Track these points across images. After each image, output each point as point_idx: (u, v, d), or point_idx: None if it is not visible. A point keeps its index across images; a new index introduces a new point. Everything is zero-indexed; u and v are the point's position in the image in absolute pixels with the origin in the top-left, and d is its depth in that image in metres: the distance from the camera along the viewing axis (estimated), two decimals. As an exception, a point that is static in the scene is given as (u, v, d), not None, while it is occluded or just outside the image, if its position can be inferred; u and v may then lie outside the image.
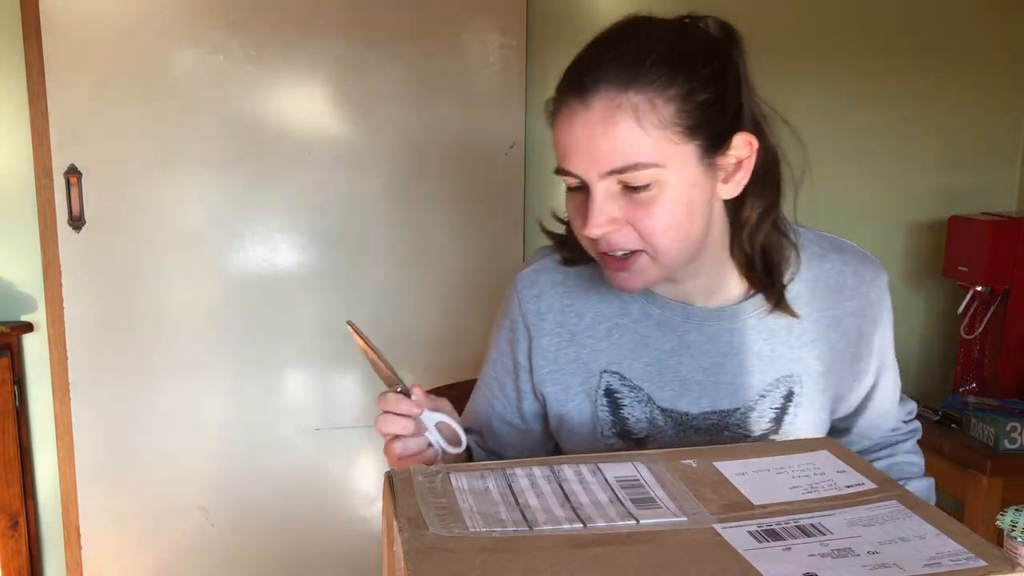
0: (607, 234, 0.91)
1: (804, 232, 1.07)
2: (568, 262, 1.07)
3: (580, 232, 0.94)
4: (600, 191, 0.90)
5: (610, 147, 0.88)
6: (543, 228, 1.12)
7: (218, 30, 2.06)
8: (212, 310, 2.17)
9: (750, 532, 0.67)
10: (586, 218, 0.91)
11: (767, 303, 1.02)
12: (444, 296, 2.27)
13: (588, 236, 0.92)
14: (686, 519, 0.70)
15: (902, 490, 0.75)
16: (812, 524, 0.69)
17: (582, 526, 0.68)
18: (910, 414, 1.23)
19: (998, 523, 0.98)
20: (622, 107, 0.88)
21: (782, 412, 1.04)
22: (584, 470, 0.77)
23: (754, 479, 0.77)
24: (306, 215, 2.17)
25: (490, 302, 2.29)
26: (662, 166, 0.88)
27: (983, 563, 0.63)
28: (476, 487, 0.73)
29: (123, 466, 2.18)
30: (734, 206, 0.98)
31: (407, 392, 0.98)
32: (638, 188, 0.89)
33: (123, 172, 2.07)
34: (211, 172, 2.12)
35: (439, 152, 2.20)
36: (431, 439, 0.97)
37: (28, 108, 2.02)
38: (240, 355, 2.20)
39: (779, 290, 1.01)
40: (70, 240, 2.07)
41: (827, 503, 0.73)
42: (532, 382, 1.08)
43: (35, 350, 2.13)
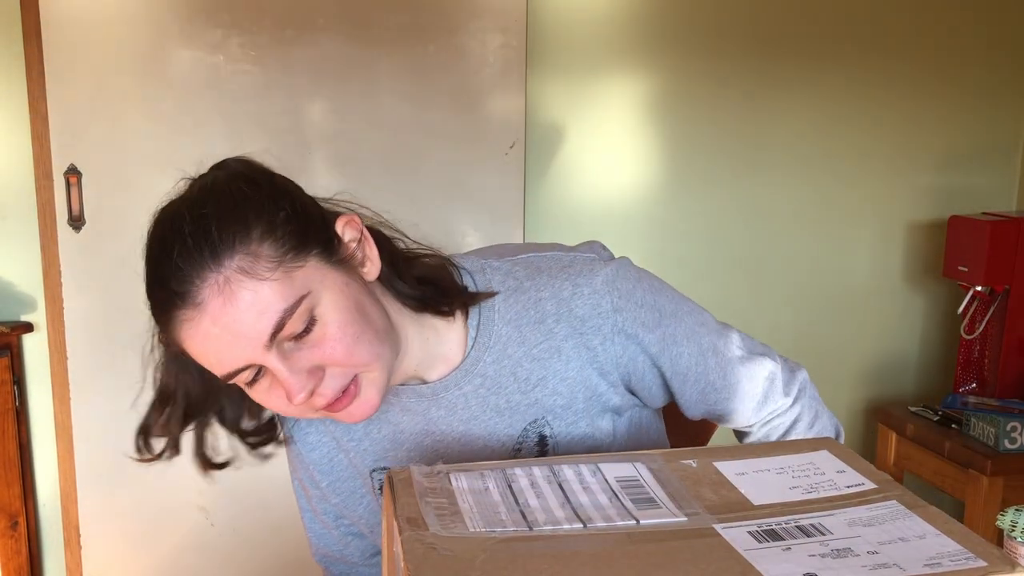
0: (316, 387, 0.85)
1: (497, 267, 1.01)
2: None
3: (288, 410, 0.88)
4: (277, 361, 0.83)
5: (252, 320, 0.81)
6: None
7: (218, 30, 2.06)
8: (212, 310, 2.17)
9: (750, 532, 0.67)
10: (286, 392, 0.84)
11: (487, 355, 0.98)
12: (444, 296, 2.27)
13: (298, 403, 0.85)
14: (686, 519, 0.69)
15: (902, 490, 0.75)
16: (812, 524, 0.69)
17: (582, 526, 0.68)
18: (775, 378, 1.05)
19: (998, 523, 0.98)
20: (230, 280, 0.81)
21: (543, 455, 0.99)
22: (584, 470, 0.77)
23: (754, 479, 0.77)
24: (306, 215, 2.17)
25: (490, 302, 2.30)
26: (307, 294, 0.83)
27: (983, 563, 0.62)
28: (476, 487, 0.73)
29: (123, 466, 2.18)
30: (387, 280, 0.96)
31: None
32: (304, 333, 0.83)
33: (123, 172, 2.08)
34: (211, 172, 2.12)
35: (439, 152, 2.21)
36: None
37: (28, 108, 2.02)
38: (240, 355, 2.20)
39: (471, 294, 0.98)
40: (70, 240, 2.07)
41: (827, 503, 0.73)
42: (323, 497, 1.07)
43: (35, 350, 2.13)
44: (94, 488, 2.16)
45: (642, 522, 0.69)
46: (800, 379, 1.07)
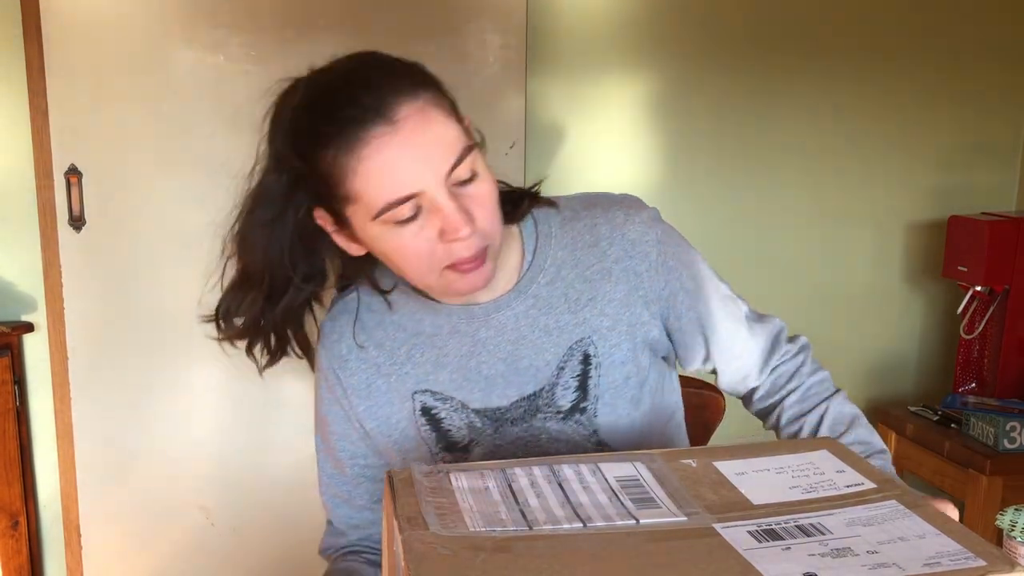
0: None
1: (558, 200, 1.08)
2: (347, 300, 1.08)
3: (429, 259, 0.92)
4: (446, 196, 0.88)
5: (440, 148, 0.88)
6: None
7: (218, 30, 2.06)
8: (212, 310, 2.17)
9: (749, 532, 0.67)
10: (444, 230, 0.89)
11: (542, 275, 1.04)
12: (444, 296, 2.27)
13: (463, 236, 0.89)
14: (685, 519, 0.70)
15: (902, 489, 0.75)
16: (812, 524, 0.69)
17: (582, 526, 0.68)
18: (781, 332, 1.16)
19: (998, 523, 0.99)
20: (425, 108, 0.88)
21: (584, 377, 1.04)
22: (584, 470, 0.77)
23: (754, 479, 0.77)
24: (306, 215, 2.17)
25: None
26: (474, 146, 0.91)
27: (983, 563, 0.63)
28: (476, 487, 0.73)
29: (123, 466, 2.18)
30: None
31: None
32: (466, 181, 0.90)
33: (123, 172, 2.07)
34: (211, 172, 2.12)
35: (439, 152, 2.20)
36: None
37: (28, 108, 2.02)
38: (240, 355, 2.19)
39: (535, 195, 1.05)
40: (70, 240, 2.07)
41: (826, 503, 0.73)
42: (360, 423, 1.08)
43: (35, 350, 2.13)
44: (94, 488, 2.16)
45: (642, 522, 0.69)
46: (803, 339, 1.18)
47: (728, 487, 0.76)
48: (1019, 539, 0.97)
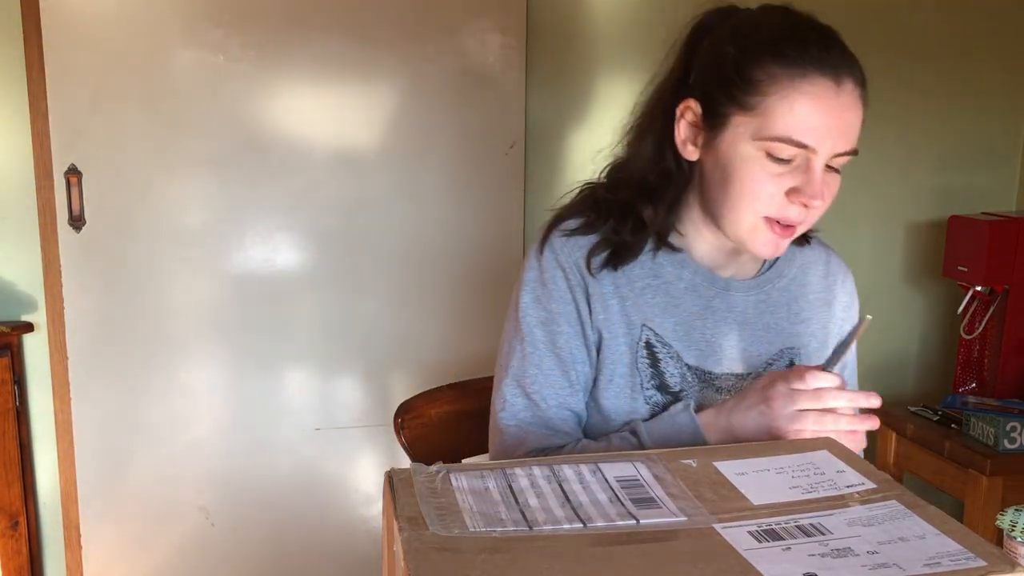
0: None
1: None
2: (581, 232, 1.10)
3: (768, 202, 1.00)
4: (821, 168, 0.98)
5: (853, 135, 0.99)
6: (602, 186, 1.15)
7: (218, 30, 2.06)
8: (212, 310, 2.17)
9: (750, 532, 0.67)
10: (800, 189, 0.98)
11: (779, 279, 1.15)
12: (444, 296, 2.27)
13: (814, 205, 0.99)
14: (686, 519, 0.70)
15: (902, 490, 0.76)
16: (812, 524, 0.69)
17: (582, 526, 0.68)
18: None
19: (998, 523, 0.98)
20: (860, 99, 0.99)
21: None
22: (584, 470, 0.77)
23: (754, 479, 0.77)
24: (306, 215, 2.17)
25: (490, 302, 2.30)
26: (856, 153, 1.01)
27: (983, 563, 0.63)
28: (476, 487, 0.73)
29: (123, 466, 2.18)
30: None
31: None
32: (834, 170, 1.00)
33: (123, 172, 2.08)
34: (211, 172, 2.12)
35: (439, 152, 2.21)
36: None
37: (28, 108, 2.02)
38: (240, 355, 2.20)
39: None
40: (70, 240, 2.07)
41: (827, 503, 0.73)
42: (593, 325, 1.09)
43: (35, 350, 2.13)
44: (94, 488, 2.16)
45: (642, 522, 0.69)
46: None
47: (728, 487, 0.76)
48: (1019, 539, 0.97)
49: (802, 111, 0.96)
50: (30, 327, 2.10)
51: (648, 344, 1.08)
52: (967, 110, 2.51)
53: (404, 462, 1.51)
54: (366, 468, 2.30)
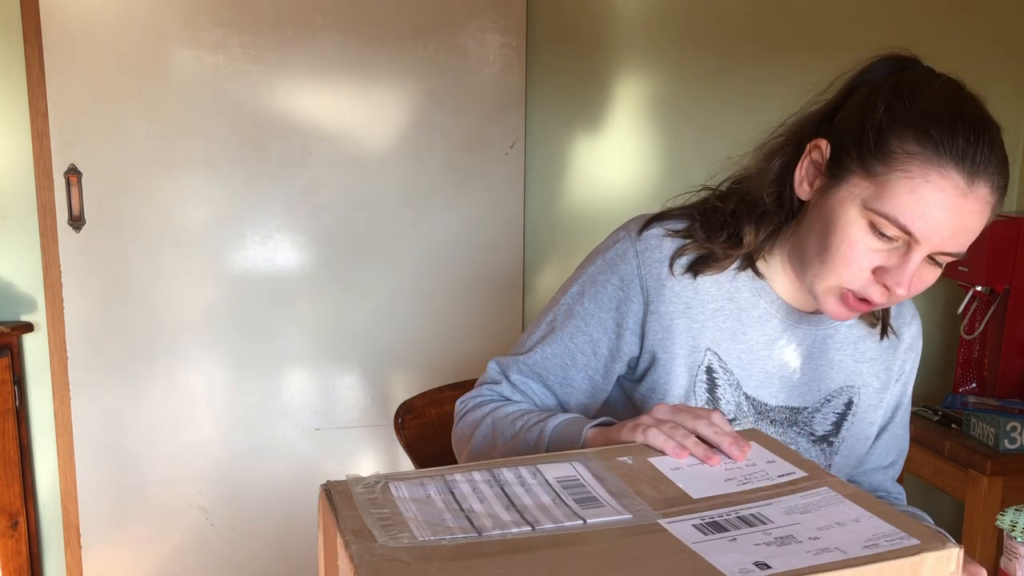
0: (891, 290, 0.96)
1: None
2: (683, 236, 1.08)
3: (856, 274, 0.96)
4: (918, 262, 0.94)
5: (965, 239, 0.94)
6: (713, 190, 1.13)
7: (218, 30, 2.06)
8: (212, 310, 2.17)
9: (694, 525, 0.69)
10: (889, 272, 0.95)
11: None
12: (444, 295, 2.27)
13: (898, 293, 0.95)
14: (631, 516, 0.70)
15: (831, 477, 0.78)
16: (752, 514, 0.71)
17: (530, 529, 0.68)
18: (898, 464, 1.25)
19: (998, 523, 0.98)
20: (988, 207, 0.94)
21: (842, 418, 1.12)
22: (524, 472, 0.77)
23: (689, 473, 0.79)
24: (306, 215, 2.17)
25: (490, 302, 2.30)
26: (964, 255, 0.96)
27: (916, 541, 0.65)
28: (417, 495, 0.72)
29: (123, 466, 2.18)
30: None
31: None
32: (934, 264, 0.96)
33: (123, 172, 2.08)
34: (211, 172, 2.12)
35: (439, 152, 2.21)
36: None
37: (28, 108, 2.02)
38: (240, 355, 2.20)
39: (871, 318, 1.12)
40: (70, 240, 2.07)
41: (763, 493, 0.75)
42: (640, 347, 1.08)
43: (35, 350, 2.13)
44: (94, 488, 2.16)
45: (589, 521, 0.69)
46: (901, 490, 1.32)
47: (666, 482, 0.77)
48: (1019, 539, 0.96)
49: (921, 198, 0.91)
50: (30, 327, 2.09)
51: (709, 369, 1.07)
52: (967, 110, 2.50)
53: (404, 462, 1.51)
54: (366, 468, 2.30)
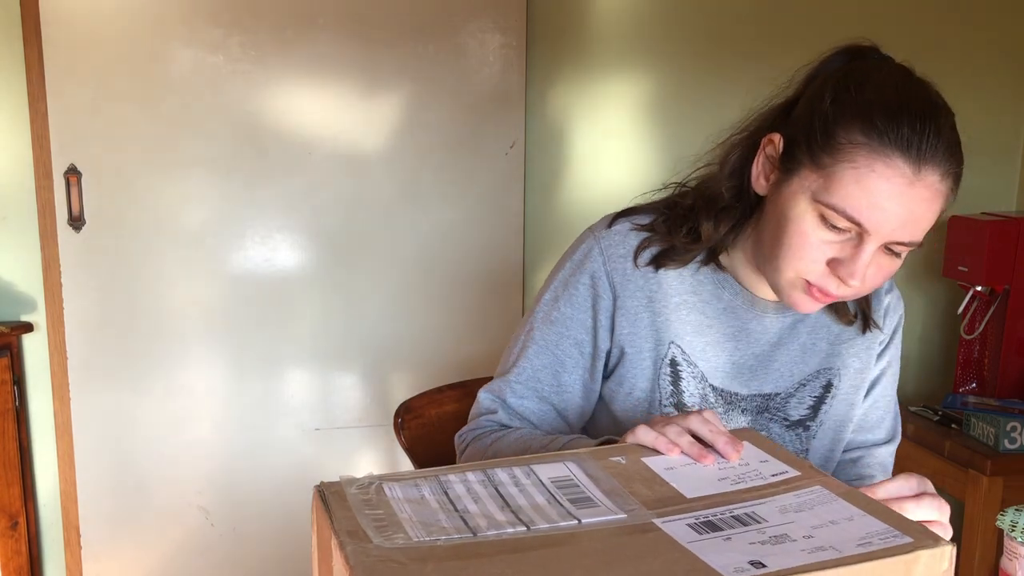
0: (845, 282, 0.95)
1: None
2: (647, 230, 1.09)
3: (811, 266, 0.95)
4: (872, 251, 0.93)
5: (917, 228, 0.93)
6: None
7: (218, 30, 2.06)
8: (212, 310, 2.17)
9: (689, 525, 0.69)
10: (842, 263, 0.94)
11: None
12: (444, 296, 2.27)
13: (852, 284, 0.94)
14: (625, 516, 0.70)
15: (824, 476, 0.78)
16: (746, 513, 0.71)
17: (525, 529, 0.68)
18: (896, 438, 1.29)
19: (998, 523, 0.99)
20: (939, 195, 0.92)
21: (820, 401, 1.12)
22: (518, 472, 0.77)
23: (683, 473, 0.79)
24: (306, 215, 2.17)
25: (490, 302, 2.30)
26: (922, 245, 0.96)
27: (909, 539, 0.66)
28: (411, 496, 0.72)
29: (123, 466, 2.18)
30: None
31: None
32: (892, 254, 0.95)
33: (123, 172, 2.08)
34: (211, 172, 2.12)
35: (439, 152, 2.21)
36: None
37: (28, 108, 2.02)
38: (240, 355, 2.20)
39: (847, 310, 1.12)
40: (70, 240, 2.07)
41: (756, 492, 0.75)
42: (611, 341, 1.09)
43: (35, 350, 2.13)
44: (94, 488, 2.16)
45: (584, 521, 0.69)
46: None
47: (660, 482, 0.77)
48: (1019, 539, 0.97)
49: (867, 189, 0.90)
50: (30, 327, 2.09)
51: (673, 361, 1.07)
52: (967, 110, 2.48)
53: (404, 462, 1.51)
54: (366, 468, 2.30)
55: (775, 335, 1.10)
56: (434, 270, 2.25)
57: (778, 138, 0.99)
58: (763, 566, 0.62)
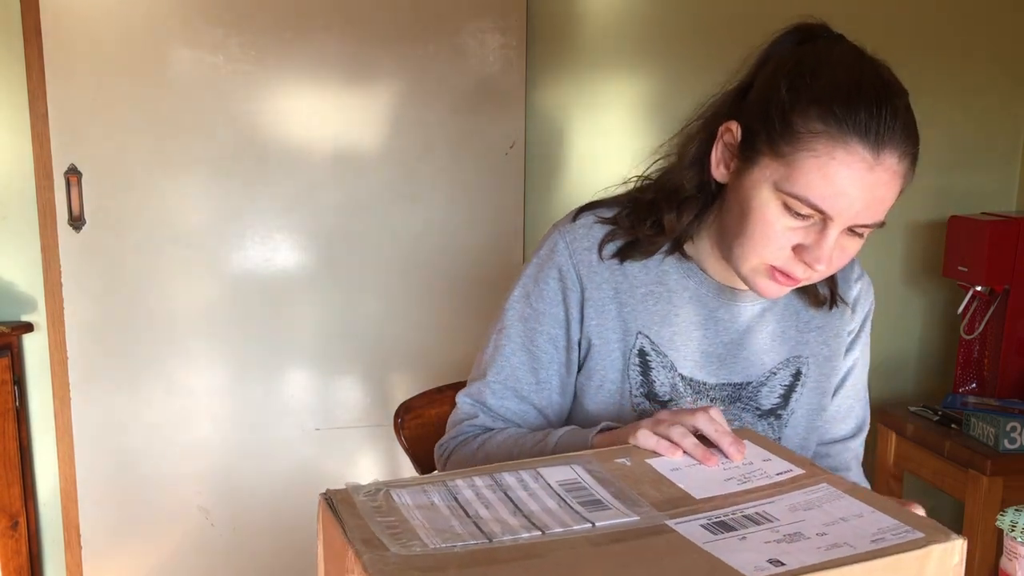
0: (811, 267, 0.96)
1: None
2: (611, 223, 1.09)
3: (775, 252, 0.96)
4: (836, 235, 0.93)
5: (879, 209, 0.93)
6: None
7: (218, 30, 2.06)
8: (212, 310, 2.17)
9: (702, 526, 0.68)
10: (807, 249, 0.95)
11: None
12: (444, 296, 2.27)
13: (818, 270, 0.95)
14: (637, 518, 0.70)
15: (828, 474, 0.78)
16: (757, 513, 0.71)
17: (540, 534, 0.67)
18: (864, 427, 1.24)
19: (998, 523, 0.98)
20: (898, 176, 0.93)
21: (790, 390, 1.12)
22: (525, 476, 0.76)
23: (689, 473, 0.79)
24: (306, 215, 2.17)
25: (490, 302, 2.29)
26: (883, 224, 0.96)
27: (921, 534, 0.66)
28: (421, 502, 0.71)
29: (123, 466, 2.18)
30: None
31: None
32: (855, 235, 0.95)
33: (123, 172, 2.07)
34: (211, 172, 2.12)
35: (439, 152, 2.21)
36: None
37: (28, 108, 2.02)
38: (240, 355, 2.20)
39: (817, 291, 1.11)
40: (70, 240, 2.07)
41: (764, 491, 0.75)
42: (581, 332, 1.09)
43: (35, 350, 2.13)
44: (94, 488, 2.16)
45: (597, 524, 0.69)
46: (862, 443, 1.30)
47: (667, 483, 0.77)
48: (1019, 539, 0.96)
49: (829, 176, 0.90)
50: (30, 327, 2.09)
51: (642, 352, 1.07)
52: (967, 110, 2.51)
53: (404, 462, 1.51)
54: (366, 468, 2.30)
55: (744, 323, 1.10)
56: (434, 270, 2.25)
57: (736, 126, 0.99)
58: (782, 564, 0.62)
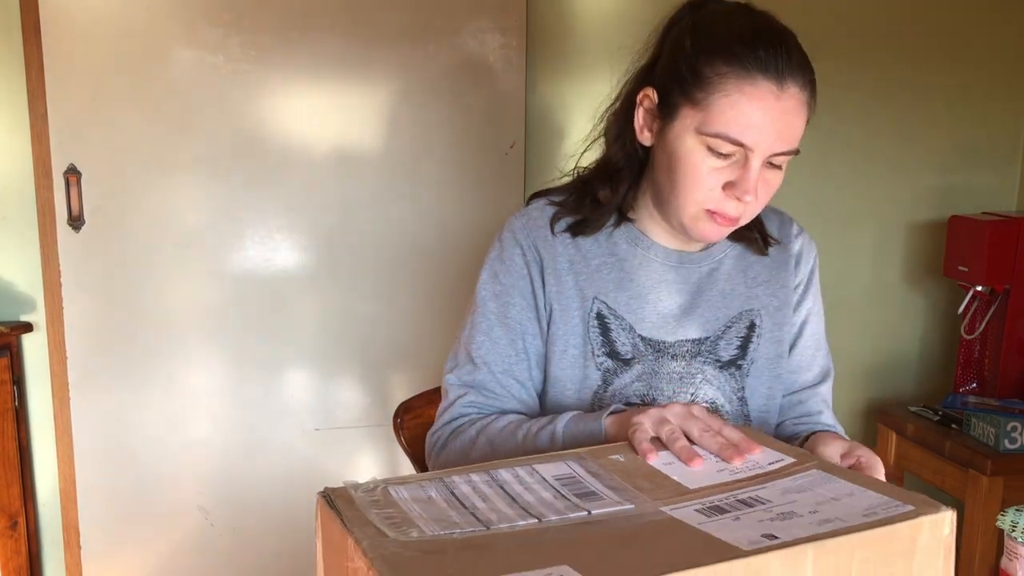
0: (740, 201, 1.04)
1: None
2: (559, 205, 1.18)
3: (706, 194, 1.04)
4: (759, 165, 1.02)
5: (792, 135, 1.03)
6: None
7: (218, 30, 2.06)
8: (212, 310, 2.17)
9: (697, 510, 0.70)
10: (735, 184, 1.03)
11: (731, 248, 1.19)
12: (444, 296, 2.27)
13: (745, 201, 1.03)
14: (632, 507, 0.72)
15: (818, 460, 0.81)
16: (750, 497, 0.73)
17: (537, 521, 0.69)
18: (829, 374, 1.28)
19: (998, 523, 0.99)
20: (803, 103, 1.03)
21: (747, 341, 1.17)
22: (521, 472, 0.78)
23: (682, 467, 0.81)
24: (306, 215, 2.17)
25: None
26: (798, 152, 1.05)
27: (911, 507, 0.69)
28: (419, 496, 0.73)
29: (122, 466, 2.18)
30: None
31: None
32: (774, 167, 1.05)
33: (123, 172, 2.07)
34: (211, 172, 2.12)
35: (439, 152, 2.21)
36: None
37: (27, 108, 2.02)
38: (240, 355, 2.20)
39: (754, 236, 1.19)
40: (70, 240, 2.07)
41: (756, 480, 0.77)
42: (544, 298, 1.15)
43: (35, 350, 2.13)
44: (93, 488, 2.16)
45: (594, 512, 0.70)
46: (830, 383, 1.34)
47: (661, 476, 0.79)
48: (1020, 539, 0.96)
49: (742, 111, 1.00)
50: (29, 327, 2.09)
51: (600, 315, 1.14)
52: (967, 110, 2.51)
53: (404, 462, 1.51)
54: (366, 468, 2.30)
55: (694, 284, 1.16)
56: (434, 270, 2.25)
57: (651, 91, 1.09)
58: (776, 538, 0.64)
